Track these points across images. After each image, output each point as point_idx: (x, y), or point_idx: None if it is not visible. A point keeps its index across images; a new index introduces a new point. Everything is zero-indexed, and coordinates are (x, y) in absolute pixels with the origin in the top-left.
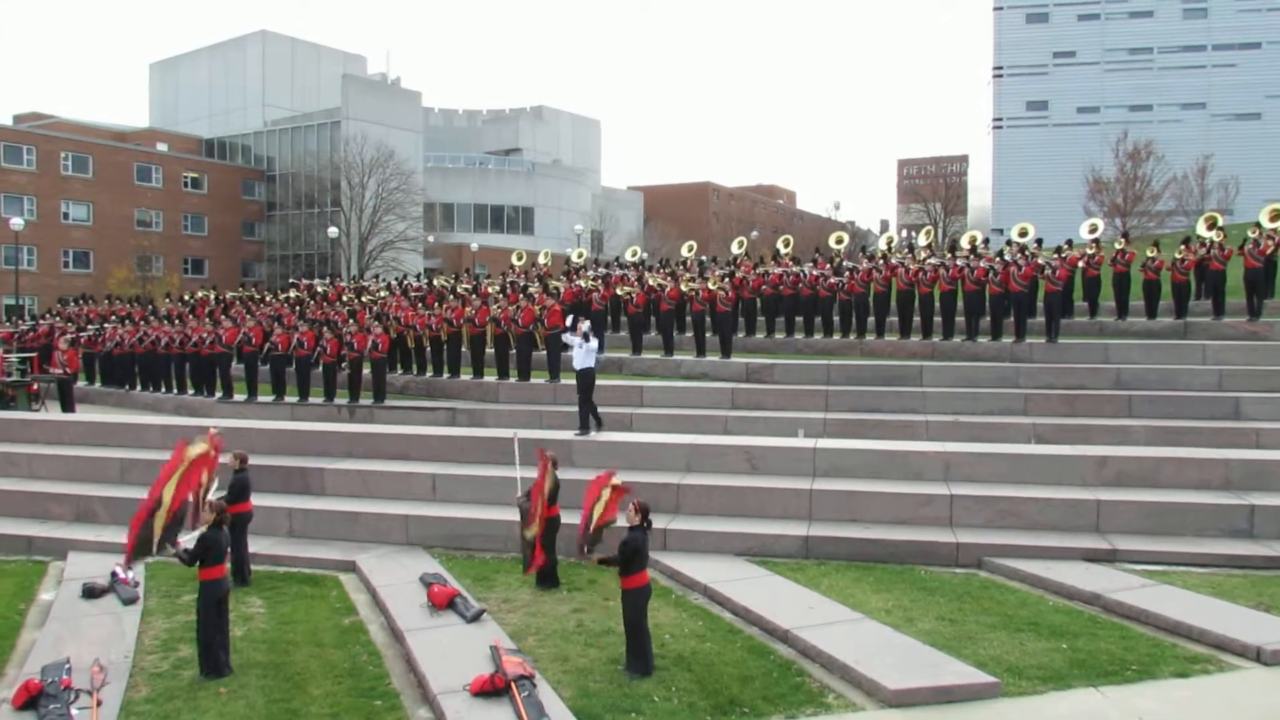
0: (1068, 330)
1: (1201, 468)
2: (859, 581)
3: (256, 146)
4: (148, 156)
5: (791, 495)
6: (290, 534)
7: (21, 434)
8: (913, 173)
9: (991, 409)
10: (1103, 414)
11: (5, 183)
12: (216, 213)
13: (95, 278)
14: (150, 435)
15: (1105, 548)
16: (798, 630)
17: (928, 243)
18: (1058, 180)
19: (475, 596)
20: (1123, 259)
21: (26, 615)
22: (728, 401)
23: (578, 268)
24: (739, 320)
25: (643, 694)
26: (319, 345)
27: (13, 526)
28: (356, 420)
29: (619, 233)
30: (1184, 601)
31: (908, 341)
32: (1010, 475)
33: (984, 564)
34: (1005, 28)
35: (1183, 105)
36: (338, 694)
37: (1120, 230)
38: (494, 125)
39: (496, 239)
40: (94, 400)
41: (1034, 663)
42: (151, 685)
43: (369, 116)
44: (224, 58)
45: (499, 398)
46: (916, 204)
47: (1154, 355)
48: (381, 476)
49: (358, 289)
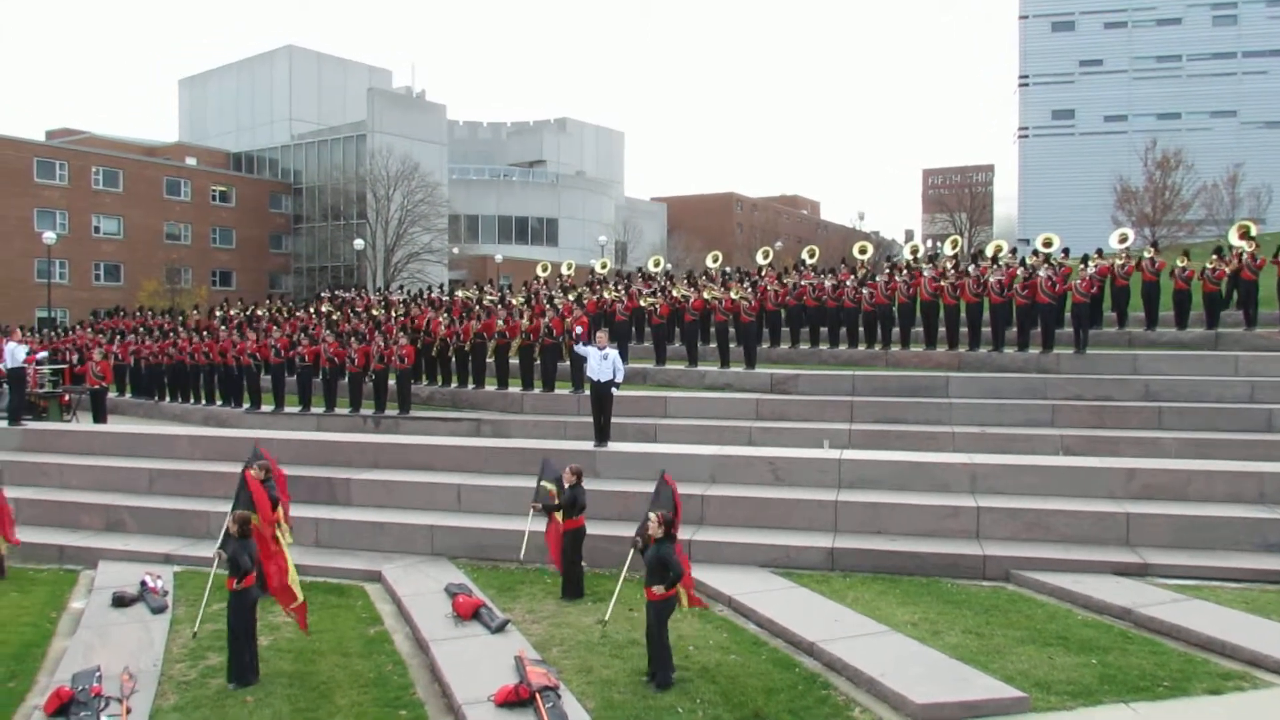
0: (1096, 341)
1: (1233, 481)
2: (885, 594)
3: (284, 160)
4: (177, 171)
5: (816, 507)
6: (316, 544)
7: (53, 444)
8: (938, 182)
9: (1018, 420)
10: (1131, 426)
11: (38, 198)
12: (244, 226)
13: (125, 290)
14: (179, 446)
15: (1135, 561)
16: (823, 643)
17: (954, 253)
18: (1084, 190)
19: (500, 607)
20: (1152, 268)
21: (58, 623)
22: (752, 412)
23: (601, 279)
24: (763, 331)
25: (666, 706)
26: (348, 357)
27: (45, 535)
28: (382, 431)
29: (642, 244)
30: (1217, 617)
31: (933, 352)
32: (1038, 487)
33: (1012, 577)
34: (1031, 36)
35: (1212, 113)
36: (363, 703)
37: (1149, 240)
38: (518, 137)
39: (521, 250)
40: (124, 411)
41: (1063, 678)
42: (179, 693)
43: (394, 130)
44: (251, 73)
45: (524, 408)
46: (942, 214)
47: (1184, 366)
48: (407, 487)
49: (385, 301)
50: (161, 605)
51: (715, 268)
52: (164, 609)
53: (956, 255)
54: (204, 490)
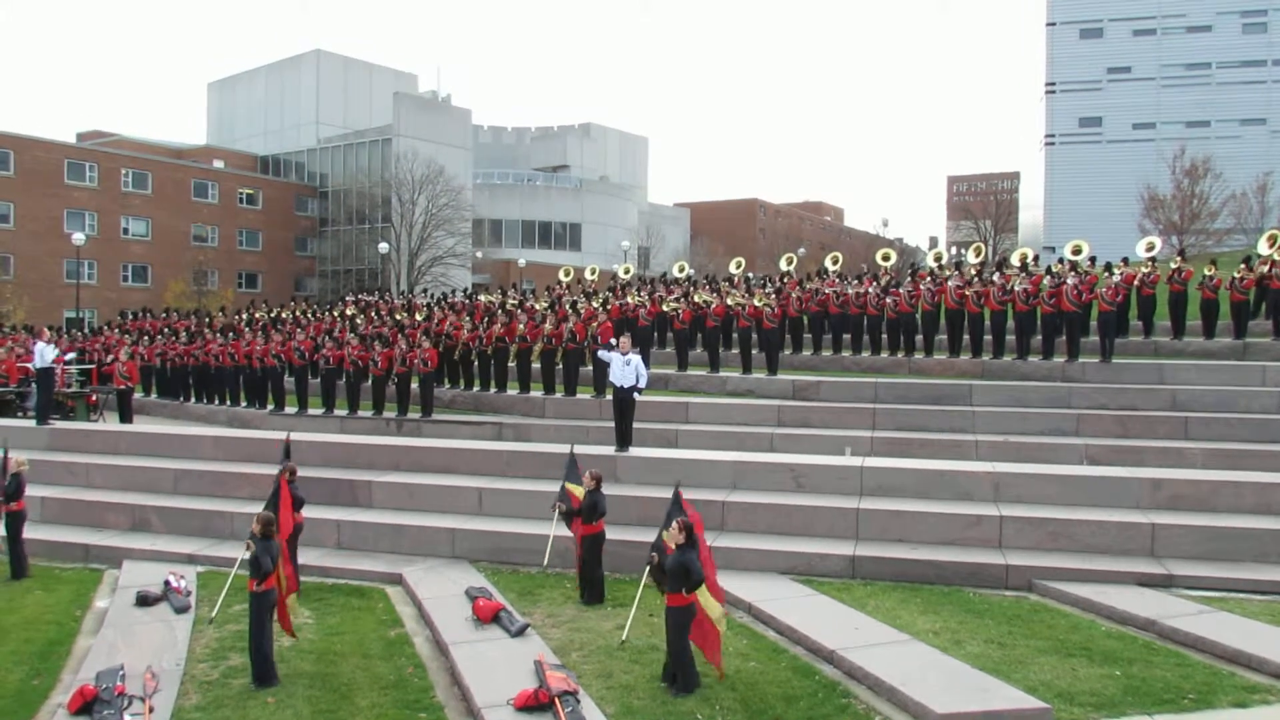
0: (1121, 350)
1: (1261, 492)
2: (906, 602)
3: (310, 163)
4: (205, 173)
5: (838, 514)
6: (338, 546)
7: (80, 444)
8: (963, 189)
9: (1042, 429)
10: (1157, 436)
11: (68, 199)
12: (270, 228)
13: (153, 291)
14: (203, 446)
15: (1160, 572)
16: (843, 651)
17: (978, 260)
18: (1111, 197)
19: (520, 611)
20: (1179, 277)
21: (82, 622)
22: (774, 419)
23: (624, 284)
24: (785, 337)
25: (686, 712)
26: (371, 360)
27: (70, 534)
28: (404, 434)
29: (665, 249)
30: (1243, 629)
31: (957, 360)
32: (1061, 497)
33: (1034, 587)
34: (1058, 43)
35: (1242, 121)
36: (383, 705)
37: (1177, 248)
38: (542, 142)
39: (544, 255)
40: (149, 411)
41: (1086, 689)
42: (202, 693)
43: (420, 134)
44: (279, 77)
45: (545, 413)
46: (966, 221)
47: (1211, 376)
48: (428, 490)
49: (408, 304)
50: (185, 605)
51: (739, 273)
52: (187, 609)
53: (982, 262)
54: (228, 491)
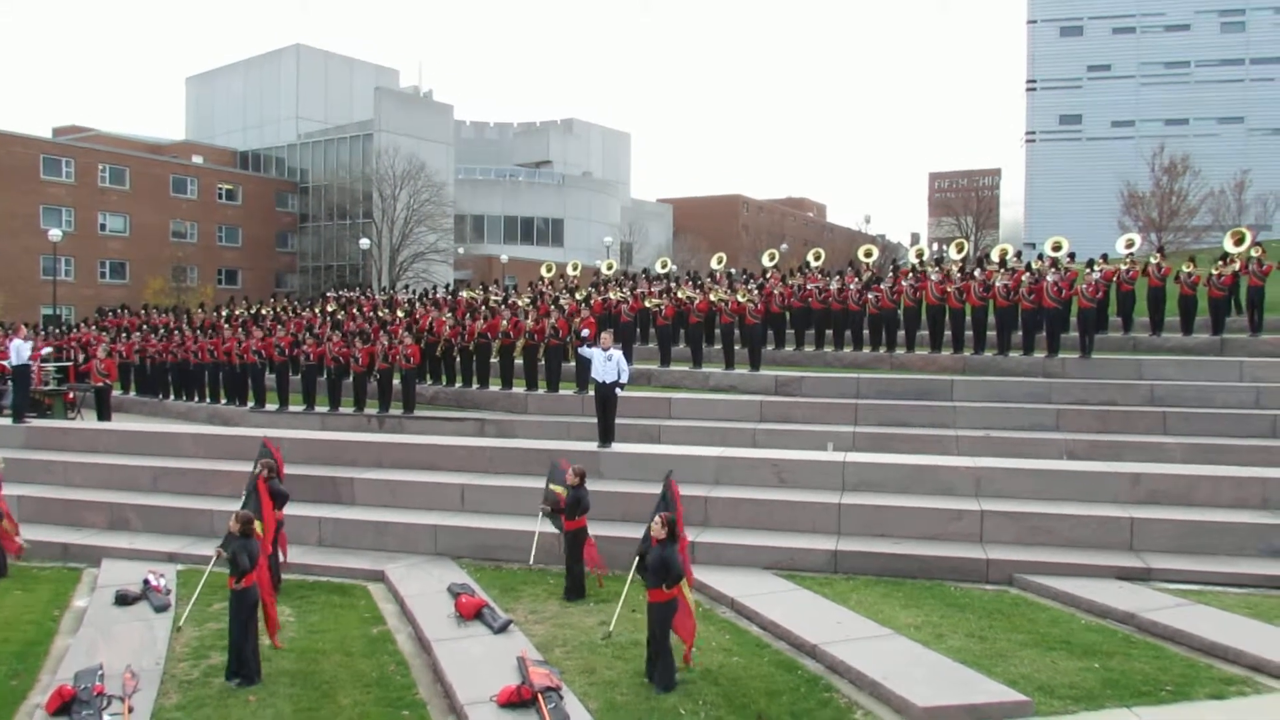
0: (1101, 346)
1: (1238, 486)
2: (888, 597)
3: (290, 159)
4: (183, 169)
5: (820, 509)
6: (320, 543)
7: (57, 442)
8: (944, 186)
9: (1023, 424)
10: (1136, 430)
11: (44, 195)
12: (250, 224)
13: (131, 288)
14: (183, 444)
15: (1139, 566)
16: (826, 645)
17: (959, 256)
18: (1091, 194)
19: (502, 607)
20: (1158, 274)
21: (61, 621)
22: (756, 414)
23: (606, 280)
24: (768, 333)
25: (669, 707)
26: (352, 356)
27: (48, 533)
28: (386, 430)
29: (648, 245)
30: (1220, 622)
31: (939, 355)
32: (1042, 491)
33: (1015, 581)
34: (1039, 41)
35: (1220, 119)
36: (365, 703)
37: (1156, 245)
38: (524, 138)
39: (526, 251)
40: (128, 409)
41: (1066, 682)
42: (182, 692)
43: (401, 129)
44: (259, 71)
45: (528, 409)
46: (948, 217)
47: (1190, 372)
48: (411, 486)
49: (389, 300)
50: (164, 604)
51: (720, 269)
52: (167, 608)
53: (963, 259)
54: (208, 489)
